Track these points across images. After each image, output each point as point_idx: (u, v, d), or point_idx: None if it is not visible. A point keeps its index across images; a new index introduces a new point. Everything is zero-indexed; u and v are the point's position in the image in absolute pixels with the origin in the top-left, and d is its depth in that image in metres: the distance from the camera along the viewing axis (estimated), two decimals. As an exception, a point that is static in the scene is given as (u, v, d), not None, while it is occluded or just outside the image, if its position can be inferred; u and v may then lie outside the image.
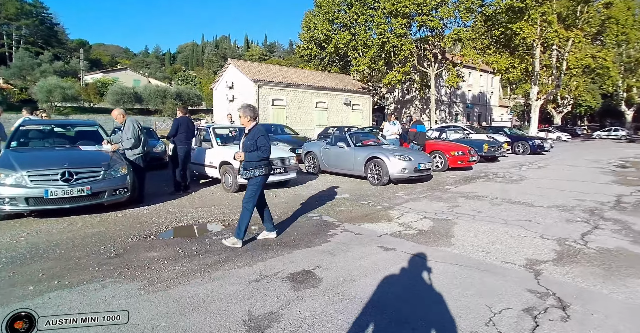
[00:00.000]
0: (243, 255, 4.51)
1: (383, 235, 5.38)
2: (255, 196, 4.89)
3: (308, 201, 7.66)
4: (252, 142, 4.81)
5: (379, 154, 9.38)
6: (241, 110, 4.88)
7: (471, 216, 6.37)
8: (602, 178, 10.66)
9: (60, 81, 44.76)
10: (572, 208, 6.85)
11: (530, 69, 26.97)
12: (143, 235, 5.27)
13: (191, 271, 3.99)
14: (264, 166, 4.93)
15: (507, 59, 26.45)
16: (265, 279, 3.81)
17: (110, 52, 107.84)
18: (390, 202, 7.55)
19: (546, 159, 15.95)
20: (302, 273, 3.97)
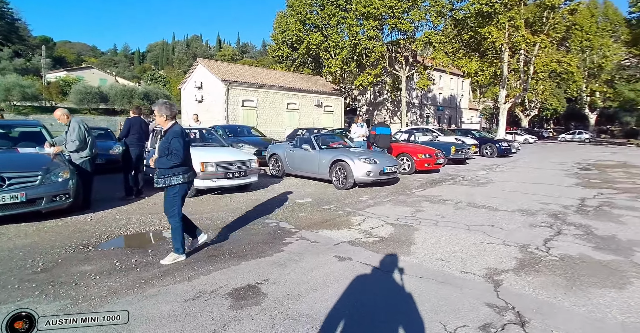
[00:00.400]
0: (186, 268, 4.12)
1: (341, 243, 5.07)
2: (178, 207, 4.34)
3: (267, 206, 7.28)
4: (166, 145, 4.17)
5: (343, 157, 9.09)
6: (156, 107, 4.28)
7: (434, 221, 6.14)
8: (566, 180, 10.70)
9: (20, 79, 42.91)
10: (536, 212, 6.72)
11: (498, 72, 27.39)
12: (80, 246, 4.79)
13: (124, 288, 3.59)
14: (183, 173, 4.26)
15: (476, 63, 26.78)
16: (204, 296, 3.43)
17: (76, 50, 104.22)
18: (353, 207, 7.25)
19: (513, 162, 16.08)
20: (245, 289, 3.61)
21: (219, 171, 7.93)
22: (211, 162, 7.88)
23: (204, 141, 9.99)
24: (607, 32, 40.42)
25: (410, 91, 40.50)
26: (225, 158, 8.24)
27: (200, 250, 4.70)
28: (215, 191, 8.57)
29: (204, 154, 8.15)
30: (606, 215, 6.59)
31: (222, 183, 8.06)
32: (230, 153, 8.73)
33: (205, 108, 31.88)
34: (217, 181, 7.97)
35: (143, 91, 48.25)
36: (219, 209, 6.99)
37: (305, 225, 5.94)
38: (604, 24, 41.04)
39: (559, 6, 25.56)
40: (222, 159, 8.10)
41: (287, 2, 37.12)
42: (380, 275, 3.98)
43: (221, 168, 7.97)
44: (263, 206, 7.23)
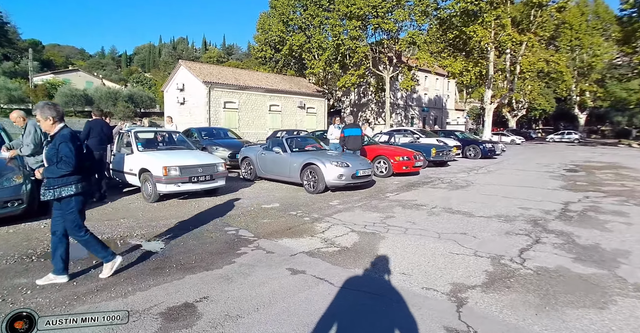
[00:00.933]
0: (125, 282, 3.71)
1: (298, 253, 4.60)
2: (79, 222, 3.73)
3: (232, 212, 6.80)
4: (54, 151, 3.55)
5: (314, 160, 8.58)
6: (38, 111, 3.63)
7: (403, 229, 5.65)
8: (551, 183, 10.29)
9: (7, 81, 42.05)
10: (514, 219, 6.26)
11: (484, 72, 27.08)
12: (24, 256, 4.41)
13: (52, 305, 3.22)
14: (75, 182, 3.61)
15: (461, 63, 26.44)
16: (134, 316, 3.01)
17: (65, 53, 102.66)
18: (321, 213, 6.75)
19: (497, 164, 15.69)
20: (181, 308, 3.18)
21: (183, 175, 7.45)
22: (174, 166, 7.41)
23: (171, 144, 9.44)
24: (597, 31, 40.33)
25: (395, 92, 40.18)
26: (190, 161, 7.74)
27: (148, 261, 4.33)
28: (181, 195, 8.06)
29: (168, 158, 7.70)
30: (590, 221, 6.14)
31: (186, 187, 7.56)
32: (196, 156, 8.19)
33: (187, 110, 31.27)
34: (181, 186, 7.48)
35: (127, 94, 47.42)
36: (180, 215, 6.52)
37: (265, 233, 5.46)
38: (595, 22, 40.95)
39: (546, 4, 25.17)
40: (186, 163, 7.61)
41: (269, 3, 36.61)
42: (332, 292, 3.48)
43: (185, 172, 7.48)
44: (227, 212, 6.78)
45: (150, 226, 5.82)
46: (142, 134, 9.06)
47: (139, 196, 8.04)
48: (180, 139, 9.55)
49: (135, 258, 4.41)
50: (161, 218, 6.28)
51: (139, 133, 8.79)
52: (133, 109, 45.92)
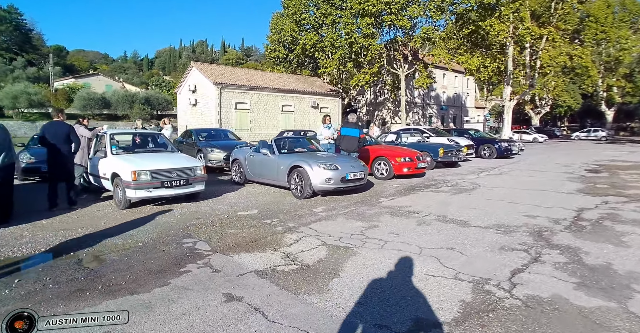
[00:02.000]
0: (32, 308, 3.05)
1: (248, 272, 3.96)
2: None
3: (202, 220, 6.22)
4: None
5: (301, 163, 7.90)
6: None
7: (382, 242, 4.90)
8: (567, 186, 9.31)
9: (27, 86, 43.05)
10: (515, 229, 5.42)
11: (502, 68, 25.79)
12: None
13: None
14: None
15: (478, 59, 25.24)
16: None
17: (89, 58, 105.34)
18: (299, 221, 6.07)
19: (512, 164, 14.64)
20: None
21: (154, 180, 6.89)
22: (145, 170, 6.86)
23: (150, 147, 8.94)
24: (624, 23, 38.02)
25: (412, 90, 39.11)
26: (163, 165, 7.18)
27: (75, 280, 3.81)
28: (157, 201, 7.54)
29: (139, 162, 7.17)
30: (605, 232, 5.24)
31: (158, 193, 7.01)
32: (172, 159, 7.63)
33: (199, 112, 31.13)
34: (153, 192, 6.93)
35: (144, 96, 47.97)
36: (145, 224, 5.98)
37: (225, 246, 4.83)
38: (622, 15, 38.67)
39: (568, -4, 23.85)
40: (158, 167, 7.05)
41: (282, 3, 36.11)
42: (260, 330, 2.79)
43: (157, 177, 6.93)
44: (196, 220, 6.19)
45: (105, 236, 5.29)
46: (119, 137, 8.59)
47: (113, 202, 7.53)
48: (162, 141, 9.01)
49: (65, 275, 3.90)
50: (122, 228, 5.74)
51: (115, 135, 8.31)
52: (149, 111, 46.34)
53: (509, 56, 25.23)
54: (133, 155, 7.71)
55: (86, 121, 8.52)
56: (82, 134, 8.18)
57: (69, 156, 7.27)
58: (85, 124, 8.42)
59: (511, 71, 25.73)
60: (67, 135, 7.18)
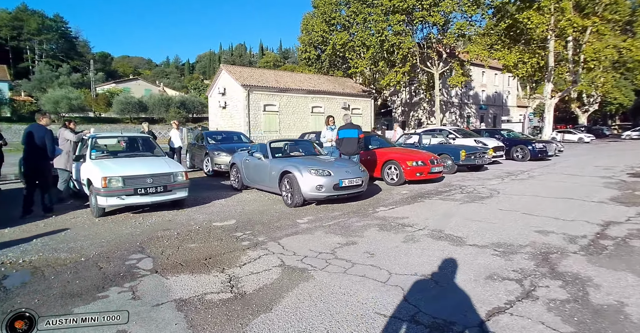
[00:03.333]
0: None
1: (170, 301, 3.36)
2: None
3: (168, 231, 5.68)
4: None
5: (291, 168, 7.23)
6: None
7: (349, 264, 4.14)
8: (600, 193, 8.08)
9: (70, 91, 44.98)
10: (517, 250, 4.49)
11: (542, 64, 23.92)
12: None
13: None
14: None
15: (516, 54, 23.53)
16: None
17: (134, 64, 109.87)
18: (271, 235, 5.40)
19: (545, 167, 13.25)
20: None
21: (127, 186, 6.45)
22: (116, 176, 6.43)
23: (136, 151, 8.58)
24: (683, 12, 34.66)
25: (449, 89, 37.45)
26: (138, 171, 6.72)
27: None
28: (138, 208, 7.15)
29: (113, 167, 6.76)
30: (630, 256, 4.21)
31: (132, 201, 6.57)
32: (151, 164, 7.15)
33: (228, 114, 31.21)
34: (126, 199, 6.50)
35: (180, 100, 48.96)
36: (107, 235, 5.57)
37: (170, 265, 4.27)
38: (680, 3, 35.29)
39: (614, -17, 21.77)
40: (131, 173, 6.61)
41: (312, 3, 35.63)
42: None
43: (130, 183, 6.49)
44: (162, 232, 5.66)
45: (53, 248, 4.88)
46: (103, 141, 8.28)
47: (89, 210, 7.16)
48: (148, 145, 8.61)
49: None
50: (79, 239, 5.33)
51: (98, 138, 7.99)
52: (184, 115, 47.23)
53: (550, 50, 23.35)
54: (111, 160, 7.32)
55: (72, 125, 8.25)
56: (66, 138, 7.94)
57: (45, 161, 6.97)
58: (71, 127, 8.15)
59: (552, 67, 23.81)
60: (39, 141, 6.88)
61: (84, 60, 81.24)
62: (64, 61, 74.13)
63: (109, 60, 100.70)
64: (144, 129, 12.30)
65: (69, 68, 66.70)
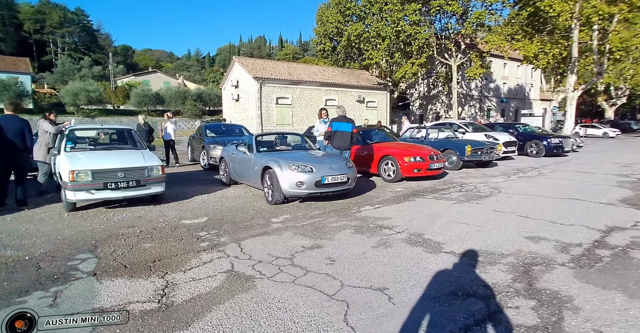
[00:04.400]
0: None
1: (85, 311, 2.97)
2: None
3: (131, 229, 5.37)
4: None
5: (272, 163, 6.81)
6: None
7: (303, 272, 3.71)
8: (611, 193, 7.38)
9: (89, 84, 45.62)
10: (498, 259, 3.95)
11: (565, 54, 22.67)
12: None
13: None
14: None
15: (536, 44, 22.35)
16: None
17: (155, 57, 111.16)
18: (236, 235, 5.01)
19: (560, 163, 12.43)
20: None
21: (96, 180, 6.16)
22: (85, 170, 6.13)
23: (115, 143, 8.33)
24: None
25: (468, 82, 36.25)
26: (109, 164, 6.42)
27: None
28: (115, 203, 6.89)
29: (83, 160, 6.48)
30: (626, 271, 3.61)
31: (101, 195, 6.29)
32: (125, 158, 6.83)
33: (241, 107, 31.01)
34: (95, 194, 6.22)
35: (196, 92, 49.01)
36: (64, 231, 5.30)
37: (113, 267, 3.95)
38: None
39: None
40: (101, 166, 6.31)
41: (327, -7, 34.92)
42: None
43: (99, 177, 6.19)
44: (125, 229, 5.36)
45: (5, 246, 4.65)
46: (81, 132, 8.03)
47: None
48: (129, 137, 8.31)
49: None
50: (39, 235, 5.10)
51: (76, 130, 7.74)
52: (201, 107, 47.32)
53: (574, 40, 22.09)
54: (85, 153, 7.02)
55: (52, 116, 8.02)
56: (45, 130, 7.70)
57: (21, 152, 6.74)
58: (51, 118, 7.93)
59: (576, 58, 22.53)
60: (22, 131, 6.65)
61: (105, 53, 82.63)
62: (86, 54, 75.49)
63: (130, 53, 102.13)
64: (140, 122, 12.08)
65: (90, 61, 67.89)
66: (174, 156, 13.02)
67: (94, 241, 4.80)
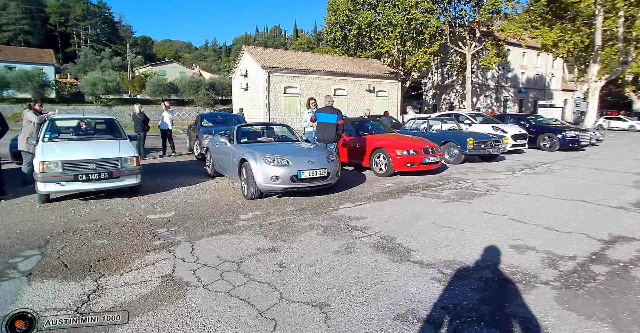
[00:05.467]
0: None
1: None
2: None
3: (93, 223, 5.05)
4: None
5: (248, 156, 6.37)
6: None
7: (244, 280, 3.28)
8: (624, 194, 6.69)
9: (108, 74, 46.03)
10: (471, 272, 3.44)
11: (586, 42, 21.44)
12: None
13: None
14: None
15: (556, 32, 21.19)
16: None
17: (175, 48, 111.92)
18: (194, 234, 4.62)
19: (573, 159, 11.61)
20: None
21: (66, 172, 5.92)
22: (55, 161, 5.92)
23: (96, 133, 8.05)
24: None
25: (484, 71, 35.03)
26: (81, 155, 6.16)
27: None
28: (92, 194, 6.64)
29: (56, 151, 6.24)
30: (621, 295, 3.02)
31: (72, 187, 6.05)
32: (99, 149, 6.53)
33: (250, 96, 30.69)
34: (66, 185, 5.99)
35: (209, 82, 48.99)
36: (26, 224, 5.06)
37: (52, 267, 3.65)
38: None
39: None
40: (72, 158, 6.05)
41: (338, -19, 33.98)
42: None
43: (70, 169, 5.94)
44: (87, 224, 5.06)
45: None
46: (62, 123, 7.76)
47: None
48: (111, 127, 7.98)
49: None
50: (-1, 228, 4.86)
51: (57, 120, 7.48)
52: (213, 97, 47.28)
53: (597, 27, 20.86)
54: (61, 143, 6.78)
55: (37, 106, 7.78)
56: (29, 120, 7.56)
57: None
58: (35, 108, 7.70)
59: (599, 46, 21.29)
60: None
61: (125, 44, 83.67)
62: (107, 45, 76.68)
63: (149, 44, 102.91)
64: (136, 111, 11.79)
65: (110, 52, 68.96)
66: (171, 146, 12.75)
67: (49, 236, 4.52)
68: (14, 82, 36.15)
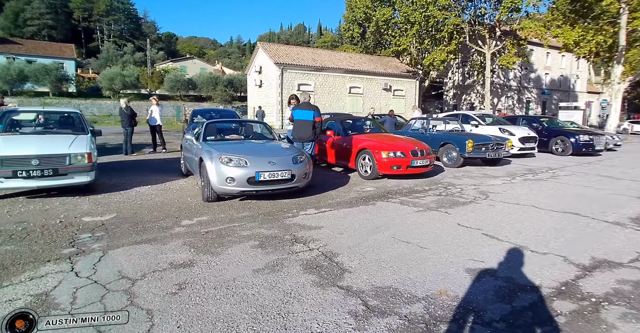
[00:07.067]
0: None
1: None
2: None
3: (18, 224, 4.64)
4: None
5: (204, 154, 5.85)
6: None
7: (125, 303, 2.74)
8: (625, 208, 5.85)
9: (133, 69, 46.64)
10: (404, 303, 2.79)
11: (610, 42, 20.11)
12: None
13: None
14: None
15: (577, 31, 19.94)
16: None
17: (200, 44, 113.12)
18: (116, 241, 4.11)
19: (585, 165, 10.65)
20: None
21: (5, 168, 5.51)
22: (-8, 156, 5.46)
23: (56, 127, 7.68)
24: None
25: (505, 71, 33.69)
26: (21, 150, 5.72)
27: None
28: (42, 192, 6.23)
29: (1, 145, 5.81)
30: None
31: (12, 184, 5.66)
32: (46, 144, 6.12)
33: (264, 93, 30.40)
34: (5, 182, 5.56)
35: (228, 78, 49.02)
36: None
37: None
38: None
39: None
40: (12, 153, 5.64)
41: (356, -22, 33.24)
42: None
43: (8, 164, 5.53)
44: (9, 226, 4.58)
45: None
46: (18, 116, 7.39)
47: None
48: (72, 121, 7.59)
49: None
50: None
51: (12, 113, 7.12)
52: (231, 93, 47.28)
53: (622, 26, 19.53)
54: (11, 137, 6.40)
55: None
56: None
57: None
58: None
59: (623, 46, 19.94)
60: None
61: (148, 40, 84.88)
62: (129, 41, 77.90)
63: (174, 40, 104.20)
64: (122, 106, 11.45)
65: (133, 47, 69.95)
66: (161, 142, 12.39)
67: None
68: (32, 75, 36.75)
